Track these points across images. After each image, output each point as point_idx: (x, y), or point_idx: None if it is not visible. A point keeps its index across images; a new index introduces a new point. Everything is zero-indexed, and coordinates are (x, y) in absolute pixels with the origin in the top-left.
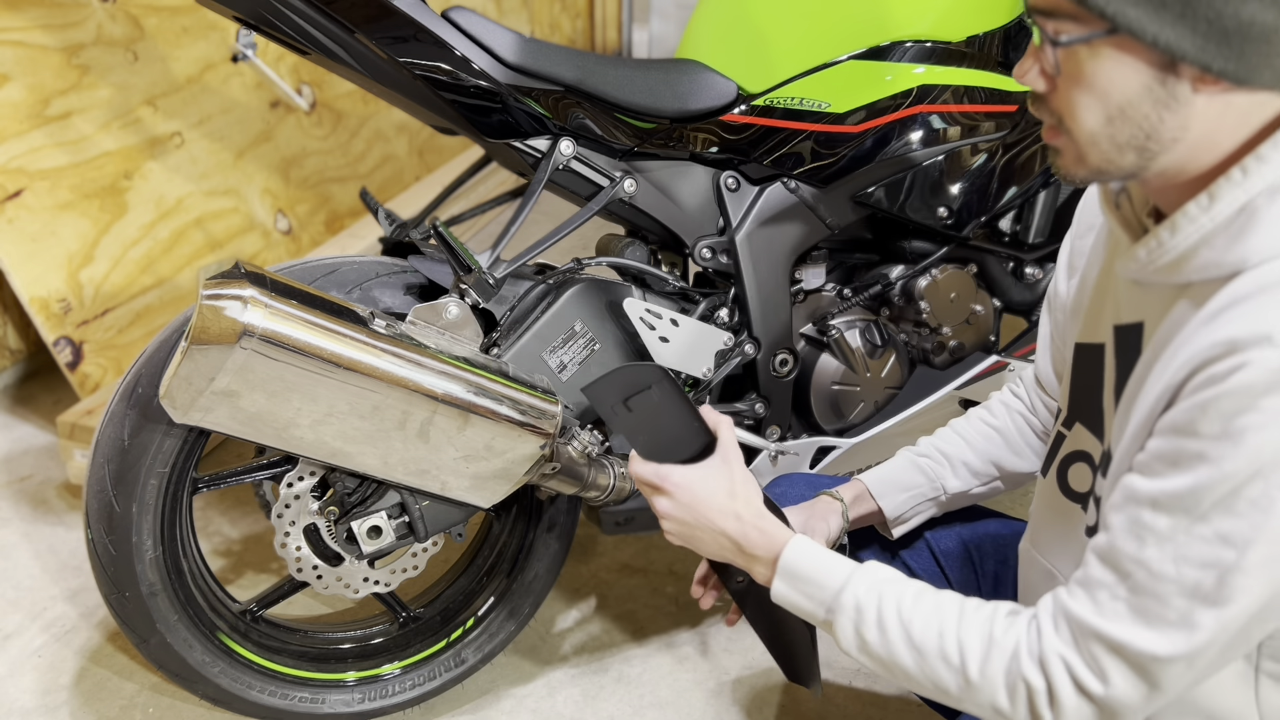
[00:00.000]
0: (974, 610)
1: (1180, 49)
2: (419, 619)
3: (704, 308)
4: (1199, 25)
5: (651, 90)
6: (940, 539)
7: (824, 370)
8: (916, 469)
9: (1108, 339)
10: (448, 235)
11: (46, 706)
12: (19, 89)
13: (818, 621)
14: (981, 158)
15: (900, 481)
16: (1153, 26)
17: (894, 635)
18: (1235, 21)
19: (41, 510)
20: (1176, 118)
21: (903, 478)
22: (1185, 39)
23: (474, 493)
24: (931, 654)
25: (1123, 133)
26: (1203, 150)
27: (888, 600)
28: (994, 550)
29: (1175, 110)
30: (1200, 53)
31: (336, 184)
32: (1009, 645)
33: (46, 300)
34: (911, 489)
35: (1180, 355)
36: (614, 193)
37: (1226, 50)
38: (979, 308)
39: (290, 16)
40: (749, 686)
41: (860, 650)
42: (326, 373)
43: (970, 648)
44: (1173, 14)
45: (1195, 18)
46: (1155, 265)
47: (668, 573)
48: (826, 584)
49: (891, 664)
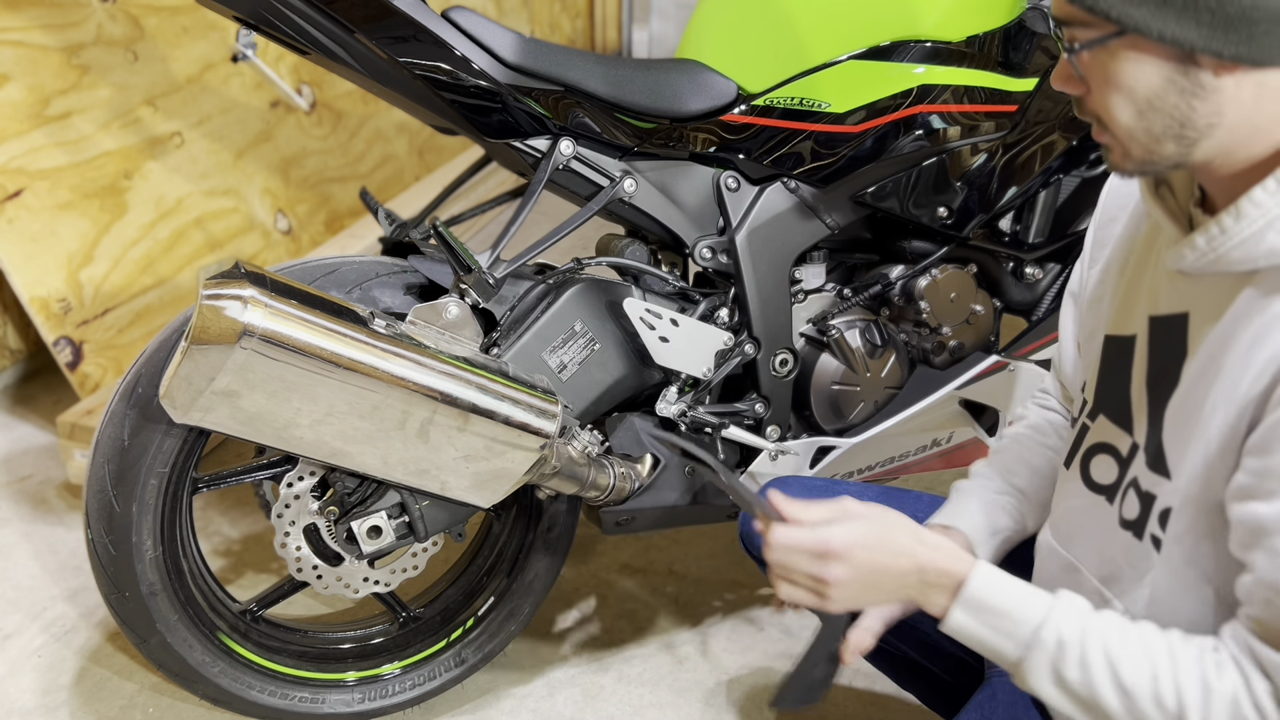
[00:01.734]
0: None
1: (1188, 41)
2: (419, 619)
3: (704, 308)
4: (1202, 16)
5: (651, 90)
6: None
7: (824, 370)
8: (1004, 512)
9: (1140, 330)
10: (448, 235)
11: (46, 706)
12: (19, 89)
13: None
14: (981, 158)
15: (992, 526)
16: (1157, 23)
17: (1099, 675)
18: (1237, 8)
19: (41, 510)
20: (1207, 104)
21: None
22: (1191, 31)
23: (474, 493)
24: (1144, 697)
25: (1156, 124)
26: (1249, 135)
27: (1092, 636)
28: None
29: (1204, 97)
30: (1209, 41)
31: (336, 184)
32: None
33: (46, 300)
34: (1001, 533)
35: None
36: (614, 193)
37: (1235, 36)
38: (979, 308)
39: (290, 16)
40: (749, 686)
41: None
42: (326, 373)
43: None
44: (1175, 9)
45: (1197, 9)
46: (1216, 253)
47: (668, 573)
48: (1024, 618)
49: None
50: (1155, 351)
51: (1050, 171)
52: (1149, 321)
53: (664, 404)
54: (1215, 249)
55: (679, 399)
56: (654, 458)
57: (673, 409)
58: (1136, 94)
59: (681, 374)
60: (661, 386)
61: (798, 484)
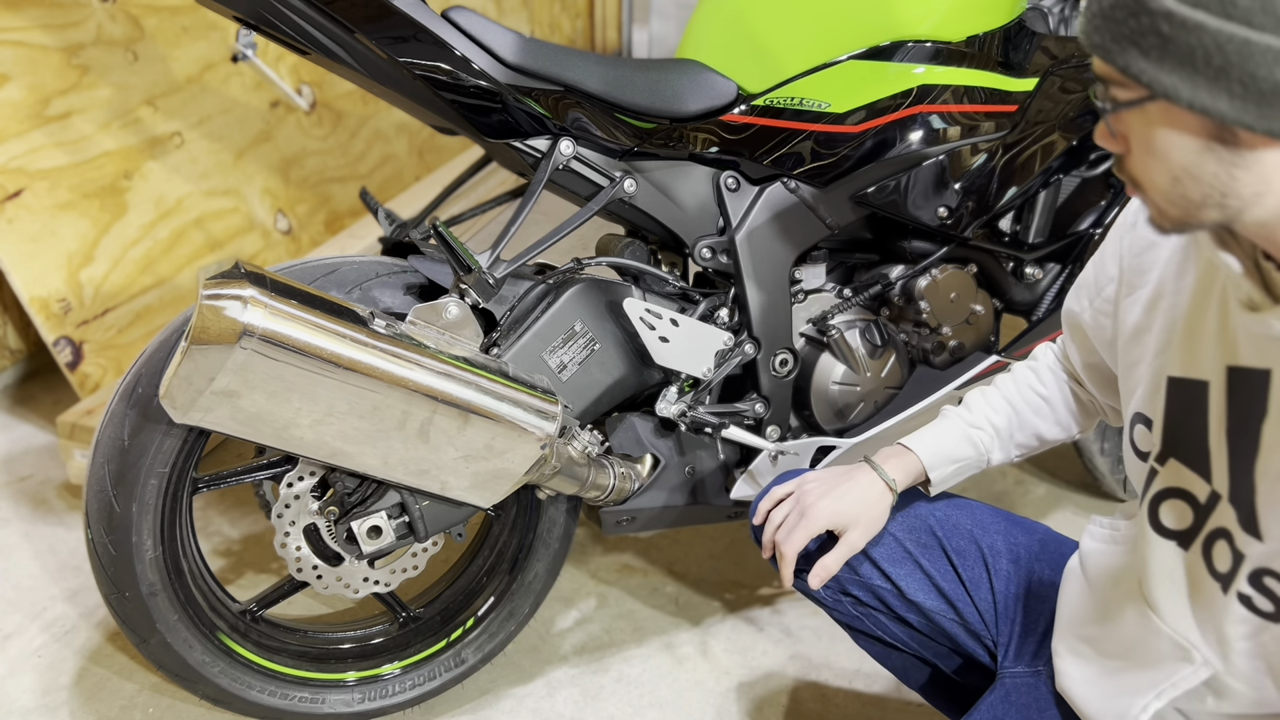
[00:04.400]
0: None
1: (1218, 112)
2: (419, 619)
3: (704, 308)
4: (1234, 88)
5: (651, 90)
6: (952, 538)
7: (824, 370)
8: (969, 442)
9: (1214, 378)
10: (448, 235)
11: (46, 706)
12: (19, 89)
13: None
14: (981, 158)
15: (952, 454)
16: (1188, 92)
17: None
18: (1271, 83)
19: (41, 510)
20: (1250, 174)
21: (955, 450)
22: (1222, 102)
23: (474, 492)
24: None
25: (1195, 192)
26: None
27: None
28: (1007, 550)
29: (1246, 168)
30: (1241, 114)
31: (336, 184)
32: None
33: (46, 300)
34: (960, 461)
35: None
36: (614, 193)
37: (1268, 110)
38: (979, 308)
39: (290, 16)
40: (749, 686)
41: None
42: (326, 373)
43: None
44: (1206, 79)
45: (1230, 81)
46: None
47: (668, 573)
48: None
49: None
50: (1235, 403)
51: (1050, 171)
52: (1227, 371)
53: (664, 404)
54: None
55: (679, 399)
56: (654, 458)
57: (673, 409)
58: (1171, 160)
59: (681, 374)
60: (661, 386)
61: None
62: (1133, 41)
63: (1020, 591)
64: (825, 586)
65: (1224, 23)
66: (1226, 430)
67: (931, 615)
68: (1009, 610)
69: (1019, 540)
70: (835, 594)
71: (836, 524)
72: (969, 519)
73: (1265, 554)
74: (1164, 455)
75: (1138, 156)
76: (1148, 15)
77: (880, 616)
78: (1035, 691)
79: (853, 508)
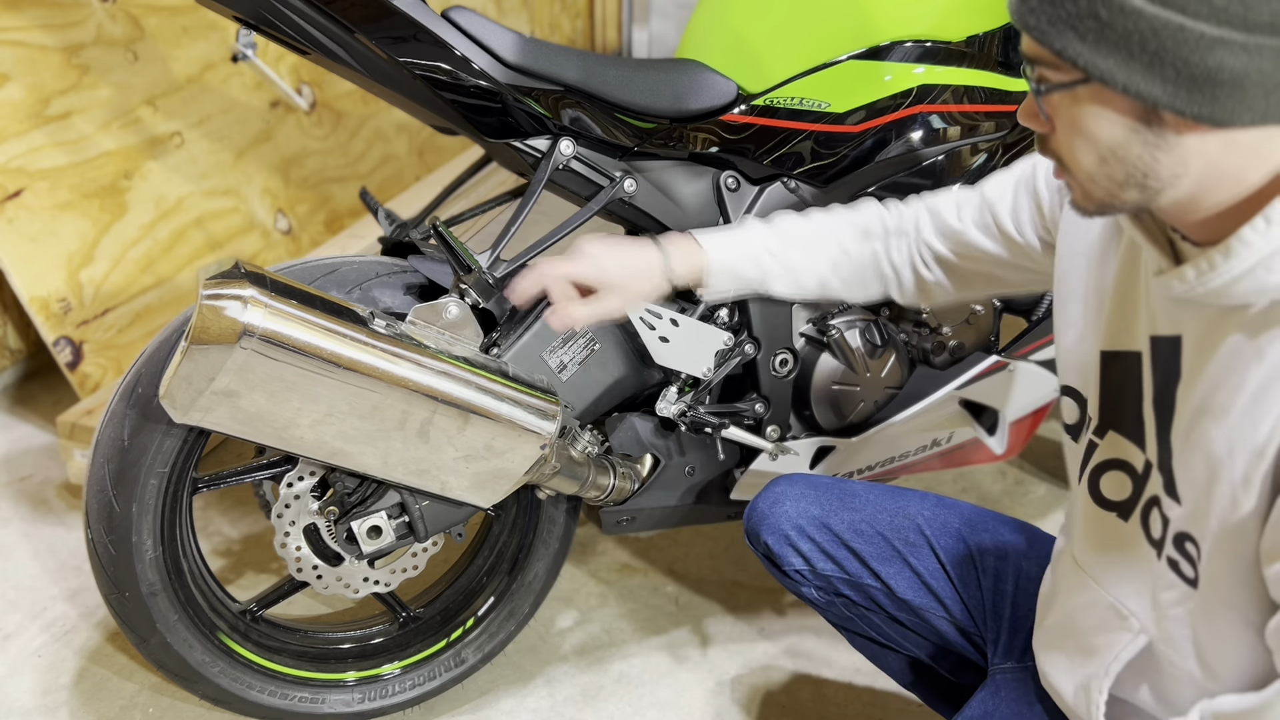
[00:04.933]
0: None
1: (1151, 96)
2: (419, 619)
3: (704, 307)
4: (1167, 73)
5: (651, 90)
6: (940, 536)
7: (824, 370)
8: (755, 264)
9: (1144, 349)
10: (448, 235)
11: (46, 706)
12: (19, 89)
13: None
14: (981, 157)
15: (736, 270)
16: (1123, 75)
17: None
18: (1203, 69)
19: (41, 510)
20: (1171, 157)
21: (740, 268)
22: (1155, 87)
23: (474, 492)
24: None
25: (1118, 172)
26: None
27: None
28: (994, 547)
29: (1167, 150)
30: (1172, 99)
31: (336, 184)
32: None
33: (46, 300)
34: (741, 279)
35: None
36: (614, 192)
37: (1199, 96)
38: (979, 308)
39: (290, 16)
40: (749, 686)
41: None
42: (326, 372)
43: None
44: (1141, 64)
45: (1164, 66)
46: (1206, 288)
47: (668, 573)
48: None
49: None
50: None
51: None
52: (1150, 341)
53: (664, 404)
54: (1205, 284)
55: (679, 399)
56: (654, 458)
57: (673, 409)
58: (1099, 142)
59: (681, 374)
60: (661, 386)
61: (804, 481)
62: (1070, 25)
63: (1009, 588)
64: (818, 589)
65: (1159, 9)
66: (1153, 399)
67: (923, 614)
68: (998, 607)
69: (1006, 538)
70: (828, 596)
71: (599, 280)
72: (957, 518)
73: (1183, 517)
74: (1102, 428)
75: (1063, 136)
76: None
77: (873, 617)
78: (1025, 687)
79: (620, 273)
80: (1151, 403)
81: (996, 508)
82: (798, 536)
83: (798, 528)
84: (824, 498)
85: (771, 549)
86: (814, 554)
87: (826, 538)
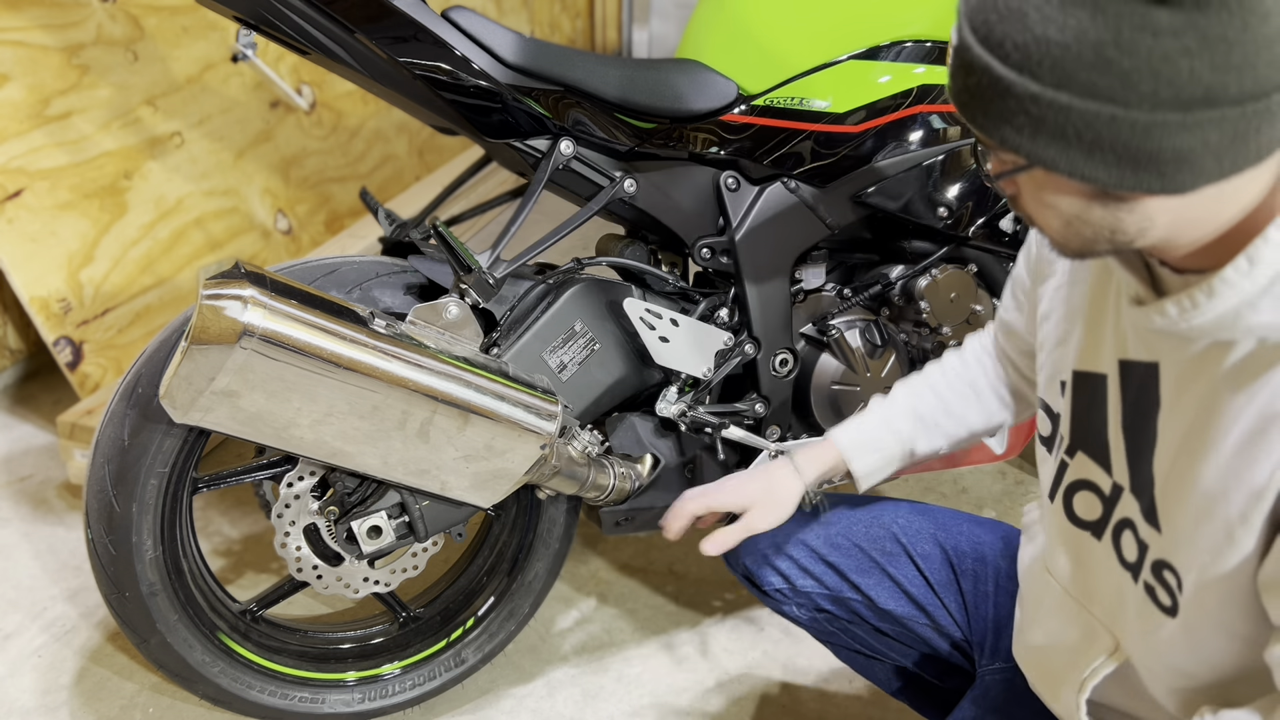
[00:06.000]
0: None
1: (1096, 179)
2: (419, 619)
3: (704, 308)
4: (1109, 157)
5: (651, 90)
6: (917, 543)
7: (824, 370)
8: (889, 429)
9: (1111, 371)
10: (448, 235)
11: (46, 706)
12: (19, 89)
13: None
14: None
15: (870, 442)
16: (1065, 163)
17: None
18: (1145, 152)
19: (41, 510)
20: (1134, 216)
21: (873, 438)
22: (1099, 170)
23: (474, 492)
24: None
25: (1086, 231)
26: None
27: None
28: (971, 550)
29: (1129, 211)
30: (1120, 180)
31: (336, 184)
32: None
33: (46, 300)
34: (882, 449)
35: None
36: (614, 192)
37: (1146, 175)
38: (979, 308)
39: (290, 16)
40: (749, 686)
41: None
42: (326, 372)
43: None
44: (1081, 151)
45: (1104, 152)
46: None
47: (668, 573)
48: None
49: None
50: (1128, 396)
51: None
52: (1119, 365)
53: (664, 404)
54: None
55: (679, 399)
56: (654, 458)
57: (673, 409)
58: (1061, 210)
59: (681, 374)
60: (661, 386)
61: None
62: (1004, 120)
63: (989, 589)
64: (800, 606)
65: (1088, 102)
66: (1122, 423)
67: (905, 622)
68: (980, 609)
69: (983, 539)
70: (810, 612)
71: (740, 504)
72: (931, 523)
73: (1164, 545)
74: (1073, 448)
75: (1028, 202)
76: (1014, 99)
77: (856, 629)
78: (1012, 687)
79: (756, 491)
80: (1121, 427)
81: (997, 508)
82: (775, 555)
83: (774, 546)
84: (798, 515)
85: (750, 570)
86: (792, 571)
87: (804, 554)
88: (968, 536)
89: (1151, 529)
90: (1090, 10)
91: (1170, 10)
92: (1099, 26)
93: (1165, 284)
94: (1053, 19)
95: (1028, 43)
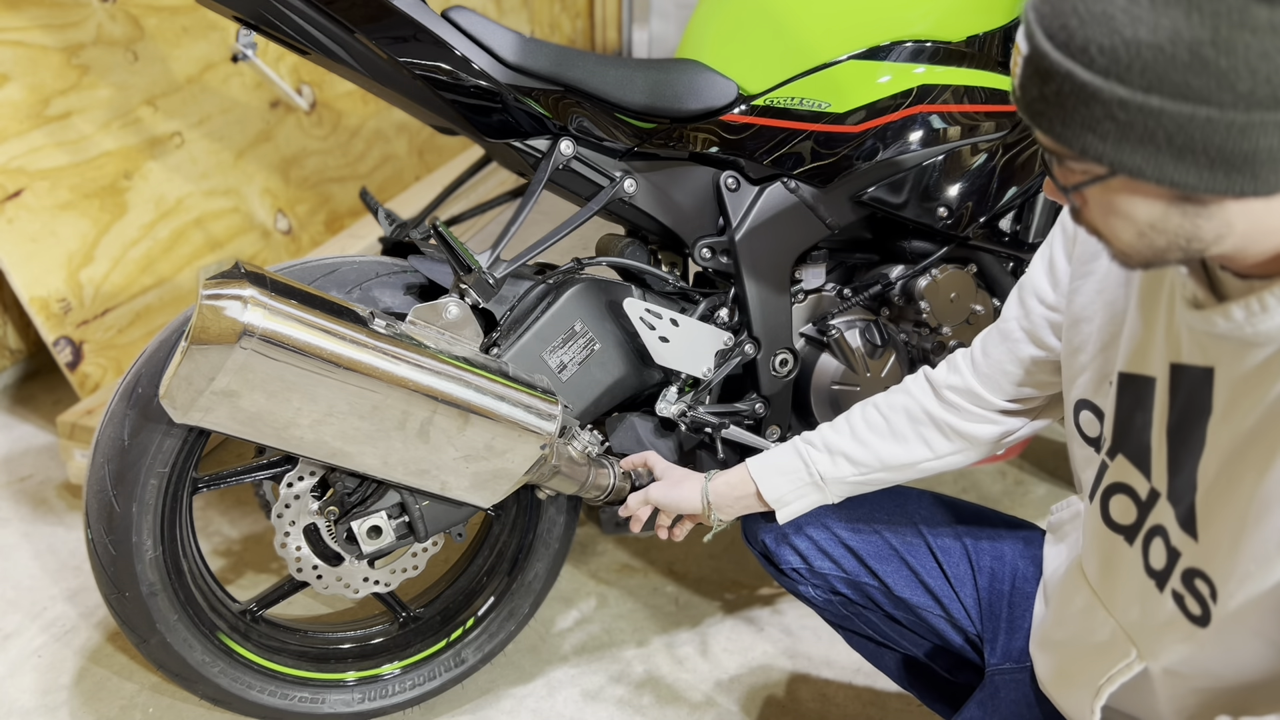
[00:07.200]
0: None
1: (1185, 183)
2: (419, 619)
3: (704, 308)
4: (1200, 160)
5: (651, 90)
6: (937, 535)
7: (824, 370)
8: (796, 455)
9: (1160, 375)
10: (448, 235)
11: (46, 706)
12: (19, 89)
13: None
14: (981, 157)
15: (778, 465)
16: (1153, 169)
17: None
18: (1239, 153)
19: (41, 510)
20: (1213, 222)
21: (780, 461)
22: (1190, 175)
23: (474, 493)
24: None
25: (1160, 240)
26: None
27: None
28: (990, 547)
29: (1209, 218)
30: (1210, 184)
31: (336, 184)
32: None
33: (46, 300)
34: (789, 472)
35: None
36: (614, 192)
37: (1238, 176)
38: (979, 308)
39: (290, 16)
40: (749, 686)
41: None
42: (326, 372)
43: None
44: (1171, 155)
45: (1196, 155)
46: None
47: (668, 573)
48: None
49: None
50: (1176, 400)
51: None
52: (1170, 368)
53: (664, 404)
54: (1255, 325)
55: (679, 399)
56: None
57: (673, 409)
58: (1137, 220)
59: (681, 374)
60: (661, 386)
61: None
62: (1086, 127)
63: (1005, 588)
64: (815, 587)
65: (1181, 104)
66: (1167, 428)
67: (920, 612)
68: (994, 607)
69: (1004, 538)
70: (826, 594)
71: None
72: (954, 516)
73: (1199, 554)
74: (1114, 450)
75: (1097, 214)
76: (1100, 105)
77: (870, 615)
78: (1021, 688)
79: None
80: (1165, 432)
81: (997, 508)
82: (795, 535)
83: (795, 525)
84: None
85: (769, 547)
86: (811, 552)
87: (824, 536)
88: (989, 534)
89: (1186, 536)
90: (1185, 9)
91: (1270, 6)
92: (1195, 25)
93: (1226, 288)
94: (1143, 20)
95: (1116, 46)
